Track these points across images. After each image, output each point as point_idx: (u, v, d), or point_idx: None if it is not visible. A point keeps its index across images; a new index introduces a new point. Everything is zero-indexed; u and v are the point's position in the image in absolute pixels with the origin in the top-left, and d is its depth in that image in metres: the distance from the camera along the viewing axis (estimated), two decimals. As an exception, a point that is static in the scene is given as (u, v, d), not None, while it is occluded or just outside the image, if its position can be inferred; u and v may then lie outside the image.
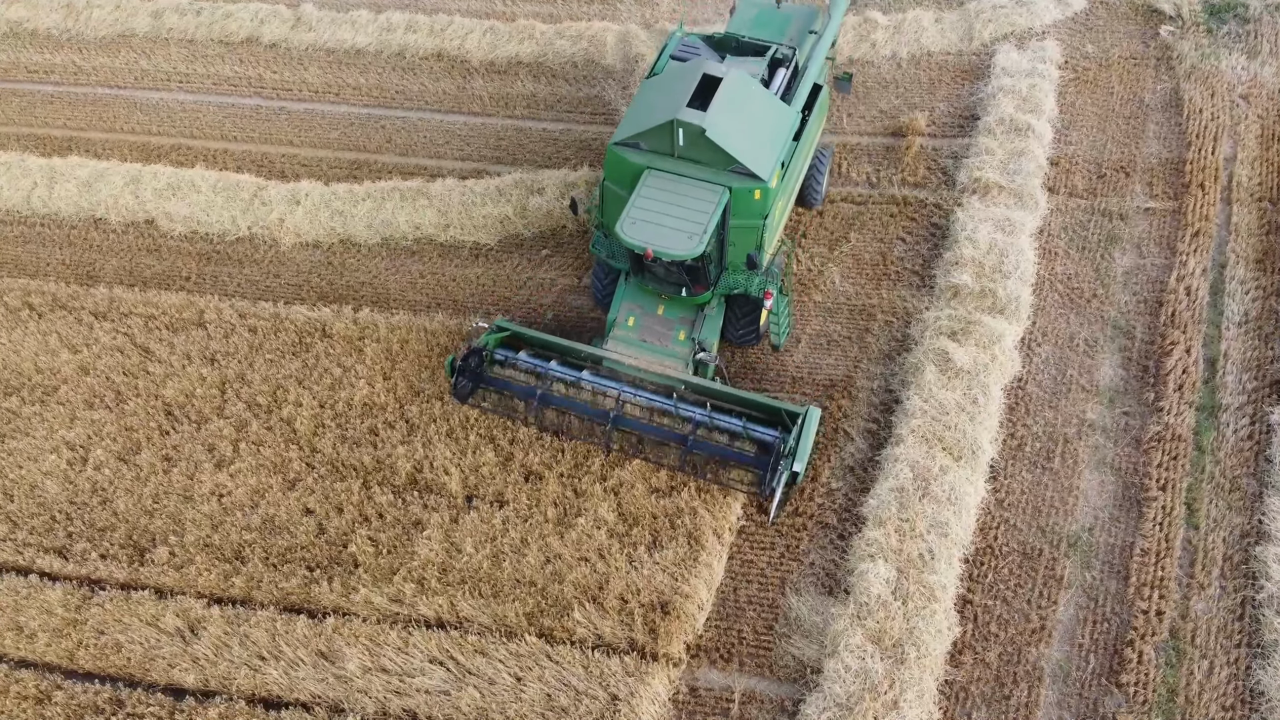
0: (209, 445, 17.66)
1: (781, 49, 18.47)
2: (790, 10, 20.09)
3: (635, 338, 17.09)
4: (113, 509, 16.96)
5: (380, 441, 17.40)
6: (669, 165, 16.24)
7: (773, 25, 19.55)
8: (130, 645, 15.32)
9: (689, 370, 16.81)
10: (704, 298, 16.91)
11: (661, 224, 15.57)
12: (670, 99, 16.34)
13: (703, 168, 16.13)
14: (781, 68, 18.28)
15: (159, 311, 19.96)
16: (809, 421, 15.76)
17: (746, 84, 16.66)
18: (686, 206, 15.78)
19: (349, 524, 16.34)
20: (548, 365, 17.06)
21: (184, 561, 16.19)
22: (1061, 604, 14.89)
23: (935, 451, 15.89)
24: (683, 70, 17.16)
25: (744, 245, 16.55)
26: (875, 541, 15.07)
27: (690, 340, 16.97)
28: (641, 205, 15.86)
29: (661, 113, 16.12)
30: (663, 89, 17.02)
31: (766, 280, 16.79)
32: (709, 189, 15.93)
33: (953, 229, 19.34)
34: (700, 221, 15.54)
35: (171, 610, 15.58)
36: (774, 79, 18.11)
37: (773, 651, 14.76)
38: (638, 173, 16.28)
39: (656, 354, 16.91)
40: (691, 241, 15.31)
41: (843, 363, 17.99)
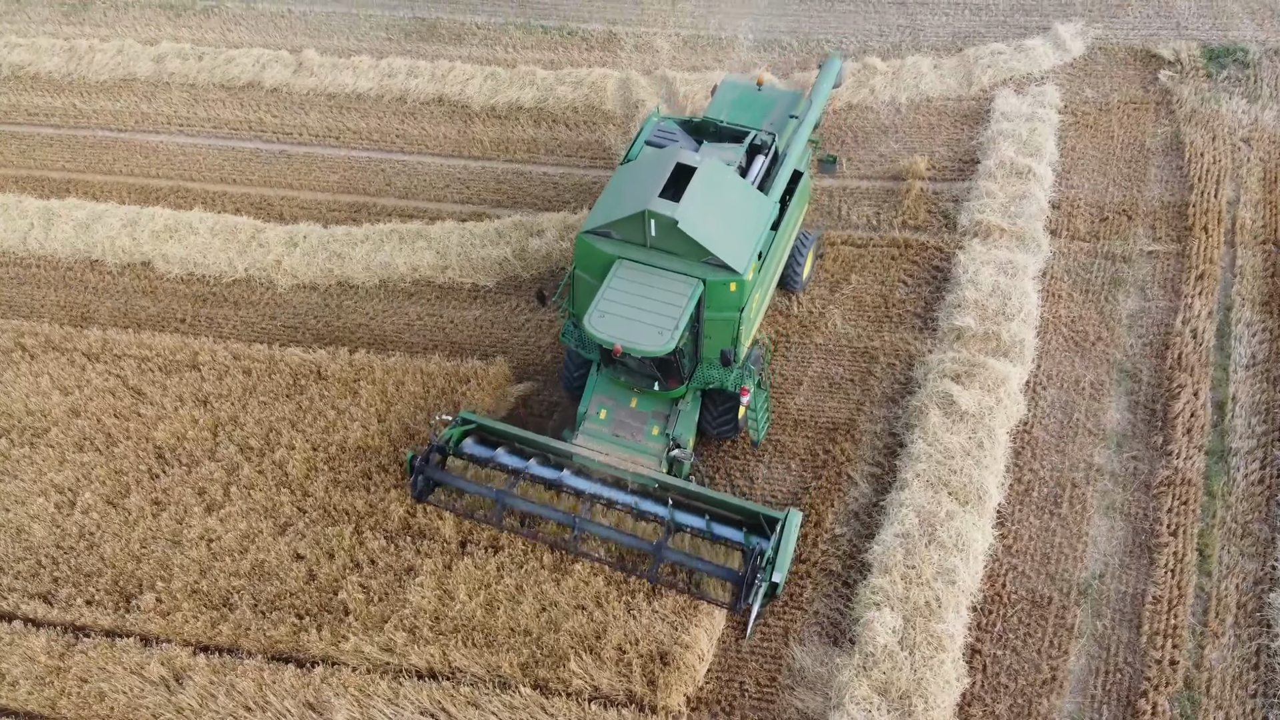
0: (199, 489, 17.32)
1: (760, 135, 17.86)
2: (772, 94, 19.65)
3: (607, 432, 16.21)
4: (100, 553, 16.56)
5: (374, 485, 17.05)
6: (641, 255, 15.59)
7: (753, 109, 19.07)
8: (114, 694, 14.85)
9: (663, 468, 15.92)
10: (678, 392, 16.14)
11: (631, 317, 14.87)
12: (642, 188, 15.72)
13: (676, 259, 15.48)
14: (760, 154, 17.72)
15: (153, 353, 19.72)
16: (789, 527, 14.76)
17: (721, 173, 16.14)
18: (658, 299, 15.11)
19: (340, 570, 15.94)
20: (513, 462, 16.25)
21: (171, 608, 15.76)
22: (1073, 654, 14.45)
23: (941, 496, 15.54)
24: (656, 158, 16.54)
25: (719, 338, 15.84)
26: (881, 589, 14.67)
27: (665, 436, 16.09)
28: (611, 297, 15.18)
29: (633, 202, 15.53)
30: (635, 177, 16.40)
31: (743, 374, 16.03)
32: (682, 281, 15.29)
33: (954, 271, 19.18)
34: (672, 316, 14.86)
35: (156, 658, 15.12)
36: (752, 166, 17.54)
37: (775, 704, 14.29)
38: (609, 262, 15.64)
39: (629, 449, 16.04)
40: (662, 337, 14.61)
41: (845, 405, 17.72)
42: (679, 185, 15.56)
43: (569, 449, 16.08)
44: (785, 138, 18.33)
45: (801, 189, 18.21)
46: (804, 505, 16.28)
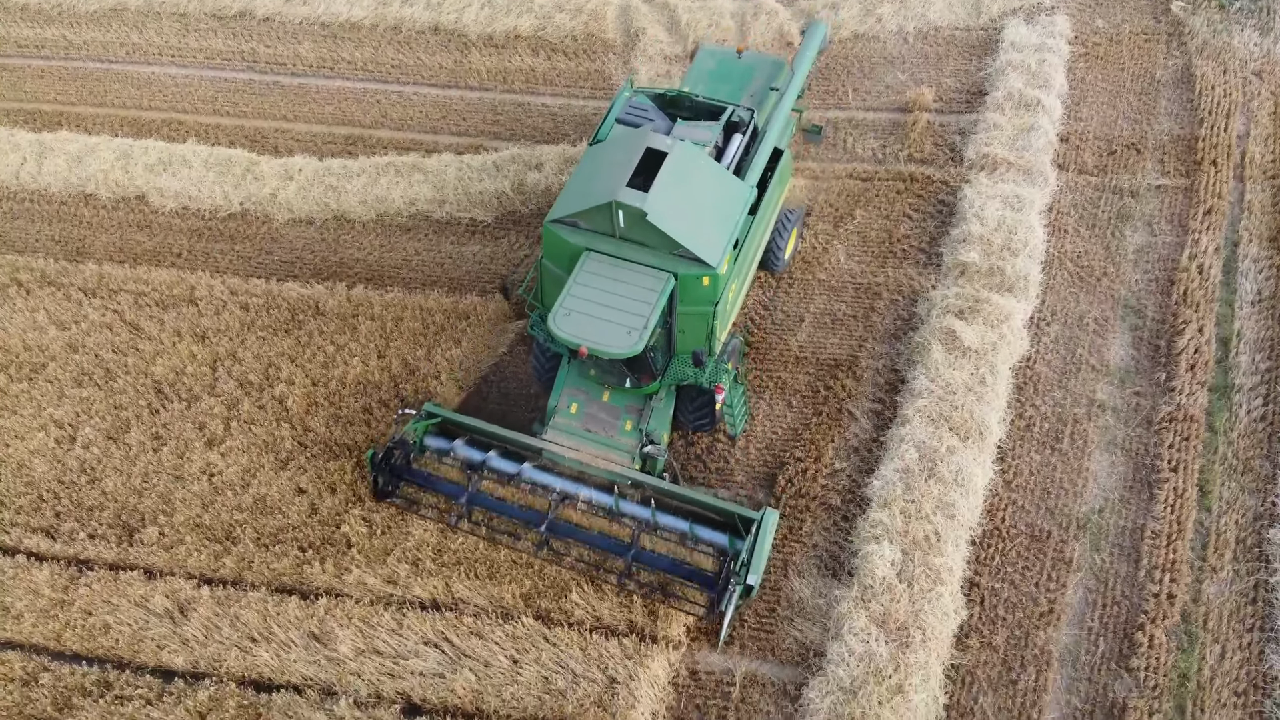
0: (199, 424, 17.30)
1: (739, 111, 16.72)
2: (752, 61, 18.49)
3: (578, 427, 15.51)
4: (101, 488, 16.60)
5: (374, 420, 17.02)
6: (610, 247, 14.77)
7: (732, 80, 18.01)
8: (119, 626, 14.99)
9: (636, 464, 15.29)
10: (651, 388, 15.46)
11: (598, 316, 14.11)
12: (610, 175, 14.81)
13: (646, 250, 14.67)
14: (738, 132, 16.58)
15: (149, 288, 19.55)
16: (765, 526, 14.15)
17: (694, 158, 15.17)
18: (627, 296, 14.33)
19: (342, 504, 15.98)
20: (480, 455, 15.59)
21: (174, 541, 15.84)
22: (1070, 587, 14.55)
23: (942, 432, 15.52)
24: (625, 141, 15.52)
25: (693, 333, 15.10)
26: (880, 523, 14.71)
27: (638, 431, 15.43)
28: (577, 294, 14.40)
29: (600, 191, 14.63)
30: (604, 161, 15.44)
31: (719, 370, 15.39)
32: (652, 276, 14.47)
33: (960, 206, 18.92)
34: (641, 314, 14.09)
35: (161, 591, 15.24)
36: (729, 145, 16.41)
37: (775, 634, 14.43)
38: (576, 253, 14.86)
39: (601, 445, 15.38)
40: (631, 338, 13.87)
41: (848, 342, 17.60)
42: (649, 172, 14.63)
43: (538, 444, 15.36)
44: (765, 113, 17.26)
45: (783, 167, 17.11)
46: (805, 443, 16.26)
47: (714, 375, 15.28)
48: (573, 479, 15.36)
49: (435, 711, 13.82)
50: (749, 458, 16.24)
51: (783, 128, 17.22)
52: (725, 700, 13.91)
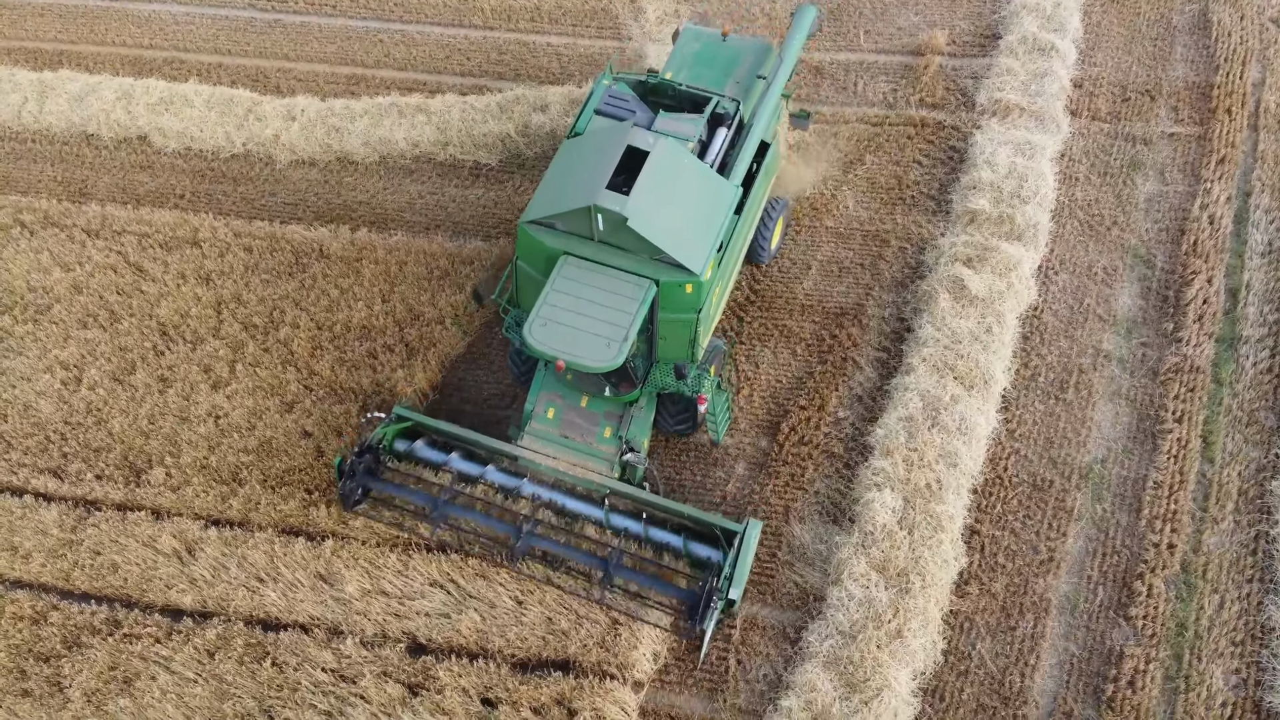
0: (205, 366, 17.32)
1: (724, 102, 15.82)
2: (738, 45, 17.38)
3: (555, 433, 14.81)
4: (108, 429, 16.69)
5: (379, 365, 17.04)
6: (588, 251, 14.01)
7: (716, 65, 17.00)
8: (127, 566, 15.17)
9: (615, 472, 14.68)
10: (632, 396, 14.80)
11: (576, 326, 13.41)
12: (589, 175, 14.03)
13: (627, 255, 13.91)
14: (723, 125, 15.70)
15: (152, 229, 19.46)
16: (748, 539, 13.59)
17: (677, 157, 14.36)
18: (606, 305, 13.60)
19: (348, 447, 16.05)
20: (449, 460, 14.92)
21: (181, 483, 15.96)
22: (1071, 536, 14.64)
23: (946, 381, 15.49)
24: (605, 136, 14.68)
25: (675, 340, 14.43)
26: (882, 471, 14.76)
27: (618, 438, 14.74)
28: (554, 302, 13.63)
29: (578, 194, 13.86)
30: (581, 159, 14.66)
31: (701, 378, 14.68)
32: (632, 283, 13.75)
33: (971, 152, 18.68)
34: (621, 325, 13.39)
35: (168, 531, 15.40)
36: (714, 140, 15.55)
37: (775, 579, 14.58)
38: (553, 256, 14.10)
39: (579, 453, 14.72)
40: (610, 350, 13.19)
41: (854, 290, 17.50)
42: (630, 171, 13.89)
43: (514, 451, 14.70)
44: (751, 104, 16.28)
45: (769, 160, 16.33)
46: (809, 391, 16.25)
47: (696, 384, 14.60)
48: (550, 487, 14.73)
49: (440, 651, 14.02)
50: (753, 405, 16.25)
51: (770, 119, 16.22)
52: (725, 642, 14.10)
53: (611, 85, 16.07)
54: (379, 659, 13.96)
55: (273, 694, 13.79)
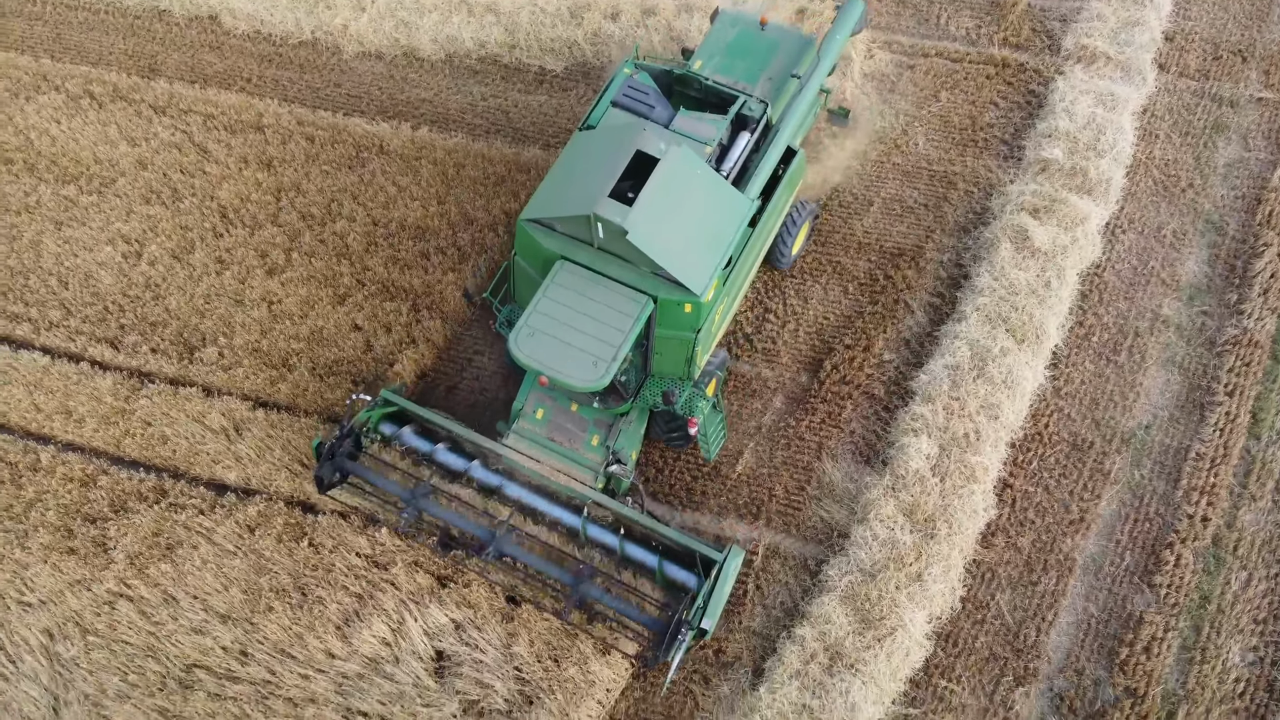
0: (261, 252, 17.59)
1: (751, 102, 14.71)
2: (776, 36, 15.97)
3: (542, 435, 14.16)
4: (165, 305, 17.10)
5: (431, 267, 17.17)
6: (586, 257, 13.30)
7: (750, 58, 15.69)
8: (176, 439, 15.71)
9: (599, 483, 13.95)
10: (623, 409, 14.19)
11: (565, 340, 12.81)
12: (593, 178, 13.18)
13: (626, 267, 13.21)
14: (746, 130, 14.69)
15: (218, 111, 19.59)
16: (728, 568, 12.84)
17: (689, 167, 13.35)
18: (598, 319, 12.94)
19: (396, 344, 16.33)
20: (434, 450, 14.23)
21: (232, 363, 16.38)
22: (1105, 499, 14.56)
23: (998, 332, 15.29)
24: (615, 136, 13.76)
25: (672, 356, 13.78)
26: (921, 417, 14.72)
27: (605, 448, 14.10)
28: (545, 310, 13.00)
29: (580, 198, 13.05)
30: (589, 157, 13.81)
31: (696, 399, 13.98)
32: (628, 298, 13.05)
33: (1050, 99, 18.06)
34: (611, 343, 12.74)
35: (218, 409, 15.87)
36: (735, 145, 14.57)
37: (802, 512, 14.72)
38: (550, 259, 13.45)
39: (564, 459, 14.05)
40: (596, 370, 12.58)
41: (915, 231, 17.19)
42: (638, 176, 13.09)
43: (498, 449, 14.00)
44: (781, 105, 15.12)
45: (794, 169, 15.09)
46: (856, 330, 16.12)
47: (689, 406, 13.93)
48: (531, 490, 14.06)
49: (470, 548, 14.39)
50: (797, 340, 16.19)
51: (799, 124, 15.19)
52: (746, 565, 14.33)
53: (633, 75, 14.99)
54: (411, 549, 14.42)
55: (308, 572, 14.34)
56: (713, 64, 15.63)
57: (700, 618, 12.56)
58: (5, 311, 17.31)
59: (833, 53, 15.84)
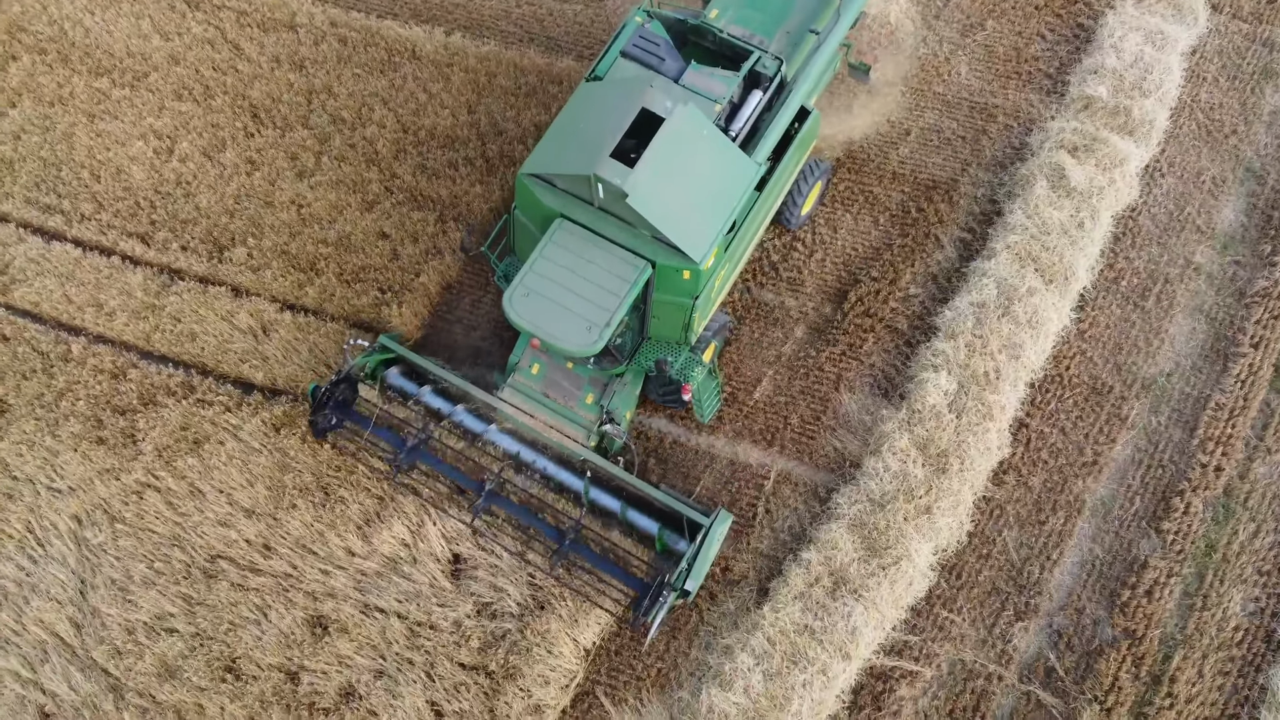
0: (291, 154, 17.57)
1: (765, 59, 14.03)
2: None
3: (537, 390, 14.16)
4: (195, 203, 17.19)
5: (459, 178, 17.12)
6: (586, 217, 13.01)
7: (768, 9, 15.01)
8: (204, 336, 15.96)
9: (591, 441, 14.06)
10: (617, 370, 14.14)
11: (559, 302, 12.62)
12: (596, 135, 12.75)
13: (625, 229, 12.92)
14: (759, 87, 14.11)
15: (251, 8, 19.34)
16: (714, 532, 13.07)
17: (695, 127, 12.85)
18: (595, 282, 12.71)
19: (422, 254, 16.39)
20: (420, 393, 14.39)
21: (260, 264, 16.53)
22: (1120, 443, 14.63)
23: (1026, 271, 15.18)
24: (621, 91, 13.24)
25: (669, 321, 13.55)
26: (942, 353, 14.73)
27: (599, 406, 14.08)
28: (541, 270, 12.78)
29: (580, 156, 12.68)
30: (593, 111, 13.31)
31: (691, 363, 13.78)
32: (626, 261, 12.79)
33: (1099, 34, 17.57)
34: (607, 307, 12.56)
35: (246, 309, 16.08)
36: (747, 101, 14.02)
37: (815, 441, 14.89)
38: (549, 216, 13.16)
39: (558, 415, 14.12)
40: (590, 335, 12.45)
41: (950, 164, 16.94)
42: (643, 135, 12.64)
43: (493, 402, 14.08)
44: (796, 63, 14.54)
45: (808, 129, 14.53)
46: (884, 263, 16.04)
47: (684, 370, 13.76)
48: (525, 444, 14.27)
49: (489, 459, 14.71)
50: (823, 270, 16.14)
51: (815, 82, 14.58)
52: (758, 490, 14.59)
53: (644, 24, 14.35)
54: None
55: (330, 473, 14.69)
56: (729, 14, 14.89)
57: (684, 579, 12.82)
58: (38, 203, 17.46)
59: (854, 8, 15.04)
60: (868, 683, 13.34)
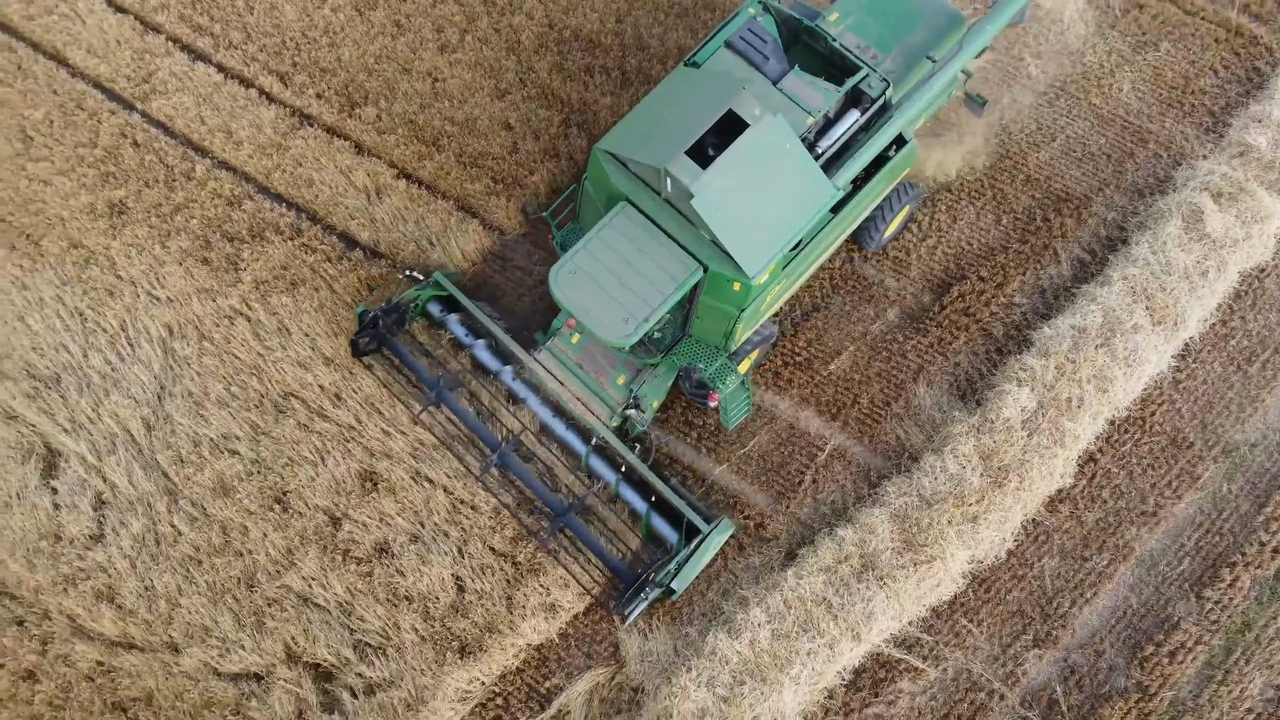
0: (438, 25, 17.72)
1: (872, 79, 13.32)
2: (925, 6, 14.45)
3: (572, 359, 14.19)
4: (338, 55, 17.50)
5: (592, 85, 17.10)
6: (650, 206, 12.73)
7: (891, 23, 14.29)
8: (321, 184, 16.43)
9: (614, 421, 14.08)
10: (651, 360, 13.99)
11: (604, 286, 12.48)
12: (678, 126, 12.35)
13: (685, 227, 12.63)
14: (859, 106, 13.44)
15: None
16: (711, 540, 13.27)
17: (778, 140, 12.25)
18: (643, 273, 12.49)
19: (540, 153, 16.53)
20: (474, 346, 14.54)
21: (387, 129, 16.85)
22: (1185, 500, 14.35)
23: (1137, 307, 14.75)
24: (714, 86, 12.70)
25: (712, 325, 13.33)
26: (1031, 369, 14.48)
27: (628, 389, 14.08)
28: (593, 250, 12.62)
29: (657, 146, 12.31)
30: (682, 99, 12.88)
31: (725, 371, 13.59)
32: (679, 260, 12.52)
33: (1273, 82, 16.64)
34: (650, 302, 12.38)
35: (364, 168, 16.48)
36: (842, 120, 13.36)
37: (880, 425, 14.88)
38: (615, 196, 12.94)
39: (587, 388, 14.14)
40: (626, 327, 12.31)
41: (1088, 180, 16.39)
42: (724, 138, 12.34)
43: (528, 360, 14.19)
44: (905, 86, 13.89)
45: (901, 158, 13.82)
46: (995, 265, 15.71)
47: (716, 378, 13.59)
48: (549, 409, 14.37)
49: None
50: (932, 257, 15.90)
51: (919, 112, 13.73)
52: (810, 459, 14.70)
53: (756, 17, 13.68)
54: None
55: (409, 344, 15.20)
56: (849, 20, 14.28)
57: (671, 579, 13.01)
58: (192, 21, 17.96)
59: (979, 42, 14.08)
60: (871, 667, 13.57)
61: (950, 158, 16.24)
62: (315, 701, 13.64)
